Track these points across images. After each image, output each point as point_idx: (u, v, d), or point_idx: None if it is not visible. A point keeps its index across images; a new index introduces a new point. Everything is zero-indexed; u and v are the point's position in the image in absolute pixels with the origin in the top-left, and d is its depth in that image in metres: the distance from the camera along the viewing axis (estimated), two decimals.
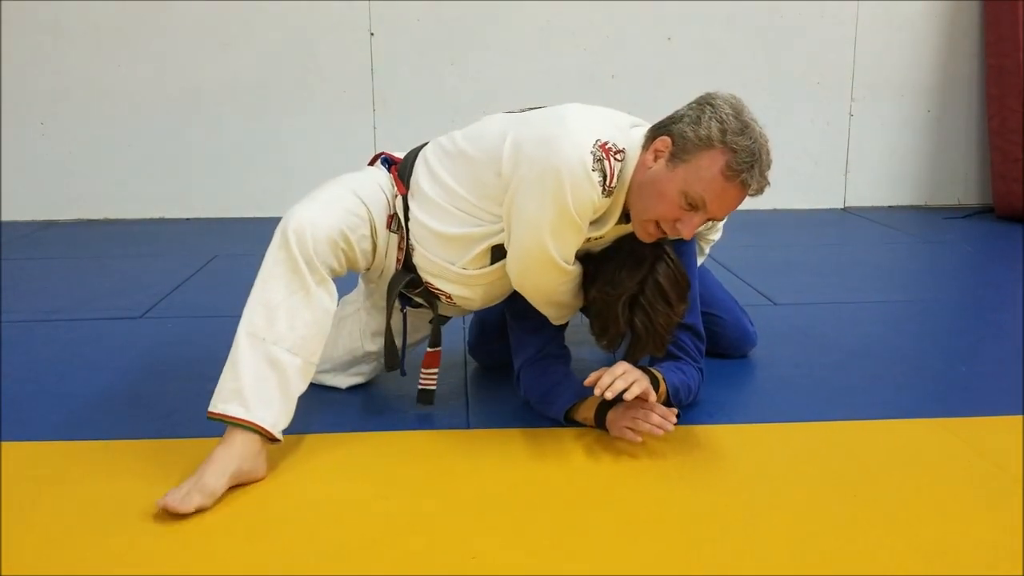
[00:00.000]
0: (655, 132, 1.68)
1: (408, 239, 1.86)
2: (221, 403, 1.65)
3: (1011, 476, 1.70)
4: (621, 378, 1.70)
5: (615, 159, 1.64)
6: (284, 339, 1.67)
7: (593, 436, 1.86)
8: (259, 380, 1.65)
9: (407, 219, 1.85)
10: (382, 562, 1.41)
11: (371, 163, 1.98)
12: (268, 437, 1.65)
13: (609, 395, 1.69)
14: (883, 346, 2.48)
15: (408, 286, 1.91)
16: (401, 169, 1.89)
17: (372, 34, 4.33)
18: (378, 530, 1.51)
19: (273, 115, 4.37)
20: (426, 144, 1.92)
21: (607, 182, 1.64)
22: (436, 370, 1.98)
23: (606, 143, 1.63)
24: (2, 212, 4.35)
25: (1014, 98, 4.30)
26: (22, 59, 4.21)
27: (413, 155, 1.91)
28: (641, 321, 1.76)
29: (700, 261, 2.15)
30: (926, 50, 4.60)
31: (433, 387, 1.99)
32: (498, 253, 1.80)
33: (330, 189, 1.83)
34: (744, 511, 1.58)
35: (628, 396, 1.70)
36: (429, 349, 1.97)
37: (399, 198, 1.86)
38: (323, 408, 2.02)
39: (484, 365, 2.31)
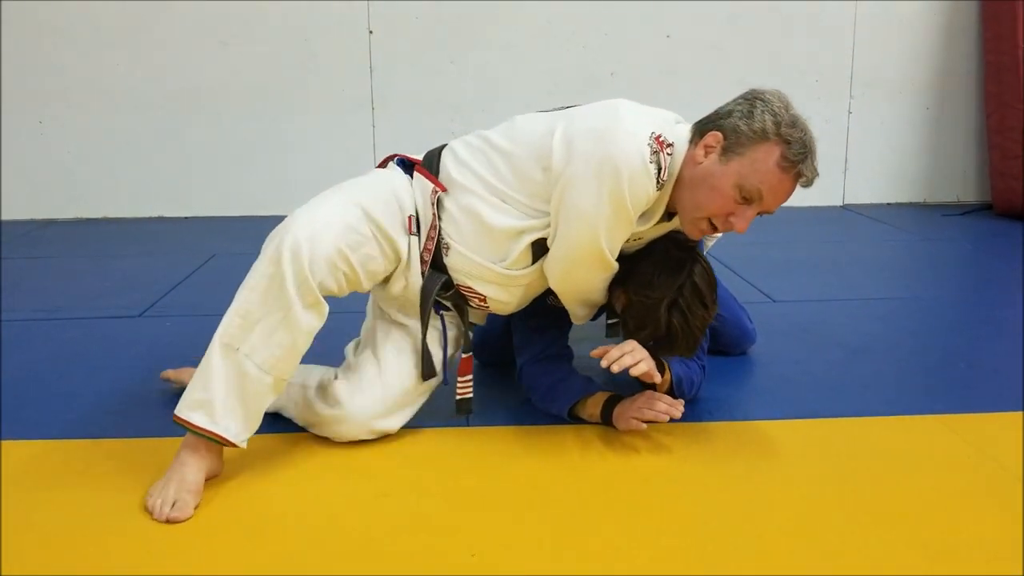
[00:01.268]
0: (702, 128, 1.68)
1: (440, 239, 1.79)
2: (187, 409, 1.63)
3: (1011, 473, 1.70)
4: (630, 354, 1.71)
5: (667, 153, 1.64)
6: (257, 353, 1.63)
7: (594, 433, 1.87)
8: (228, 391, 1.62)
9: (440, 218, 1.78)
10: (382, 562, 1.42)
11: (382, 165, 1.91)
12: (232, 445, 1.65)
13: (616, 368, 1.70)
14: (882, 343, 2.48)
15: (440, 289, 1.83)
16: (426, 167, 1.82)
17: (371, 32, 4.33)
18: (378, 530, 1.51)
19: (272, 114, 4.36)
20: (445, 145, 1.86)
21: (661, 175, 1.64)
22: (471, 376, 1.92)
23: (660, 136, 1.63)
24: (2, 211, 4.35)
25: (1012, 95, 4.30)
26: (22, 59, 4.21)
27: (436, 154, 1.85)
28: (679, 323, 1.75)
29: None
30: (925, 48, 4.60)
31: (470, 395, 1.92)
32: (538, 250, 1.76)
33: (333, 200, 1.73)
34: (744, 508, 1.58)
35: (635, 372, 1.71)
36: (463, 355, 1.92)
37: (437, 194, 1.77)
38: None
39: (485, 363, 2.30)
